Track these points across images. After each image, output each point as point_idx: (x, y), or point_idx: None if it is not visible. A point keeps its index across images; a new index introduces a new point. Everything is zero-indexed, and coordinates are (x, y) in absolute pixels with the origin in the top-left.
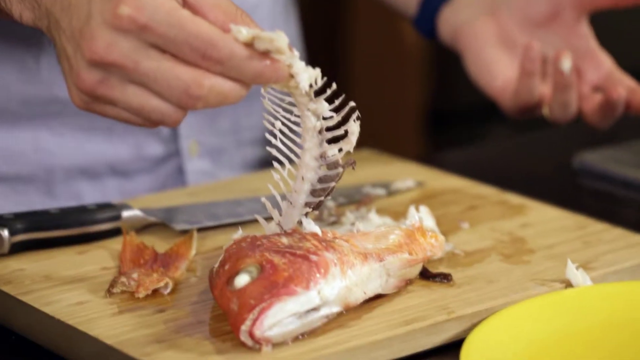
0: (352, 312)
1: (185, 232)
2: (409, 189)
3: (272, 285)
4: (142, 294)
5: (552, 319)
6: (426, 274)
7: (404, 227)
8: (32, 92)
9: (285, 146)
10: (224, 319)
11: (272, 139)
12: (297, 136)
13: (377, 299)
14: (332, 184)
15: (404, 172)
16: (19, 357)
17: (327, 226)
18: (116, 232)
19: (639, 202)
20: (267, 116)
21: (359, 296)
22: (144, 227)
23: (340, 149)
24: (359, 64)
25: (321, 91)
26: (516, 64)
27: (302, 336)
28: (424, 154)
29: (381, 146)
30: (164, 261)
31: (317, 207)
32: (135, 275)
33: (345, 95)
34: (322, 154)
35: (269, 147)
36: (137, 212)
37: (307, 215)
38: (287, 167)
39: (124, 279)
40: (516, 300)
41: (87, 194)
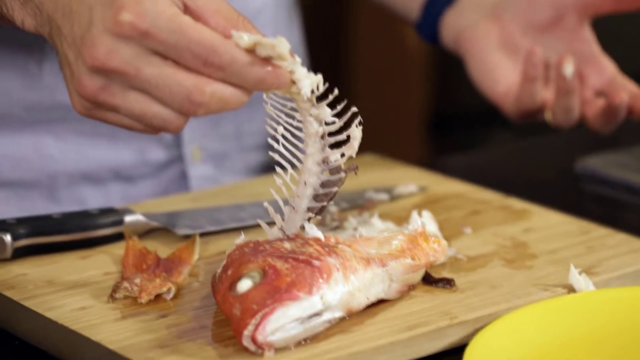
0: (354, 317)
1: (187, 237)
2: (411, 194)
3: (274, 290)
4: (144, 299)
5: (555, 324)
6: (429, 279)
7: (407, 232)
8: (35, 98)
9: (287, 151)
10: (226, 324)
11: (275, 144)
12: (300, 141)
13: (379, 304)
14: (335, 189)
15: (407, 176)
16: None
17: (330, 231)
18: (119, 237)
19: None
20: (269, 121)
21: (361, 301)
22: (147, 232)
23: (342, 154)
24: (361, 68)
25: (323, 97)
26: (519, 68)
27: (305, 341)
28: (427, 158)
29: (384, 151)
30: (167, 266)
31: (319, 212)
32: (137, 280)
33: (347, 100)
34: (325, 159)
35: (271, 152)
36: (139, 217)
37: (309, 220)
38: (290, 172)
39: (126, 284)
40: (519, 305)
41: (90, 199)
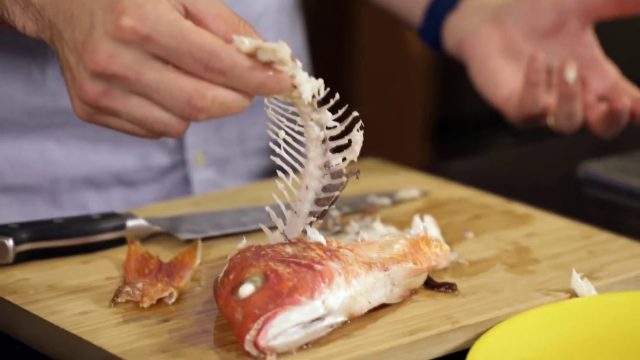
0: (356, 322)
1: (189, 241)
2: (413, 199)
3: (276, 294)
4: (146, 303)
5: (557, 329)
6: (431, 284)
7: (409, 236)
8: (38, 102)
9: (289, 155)
10: (228, 329)
11: (276, 149)
12: (301, 145)
13: (381, 309)
14: (336, 193)
15: (409, 181)
16: None
17: (332, 235)
18: (121, 241)
19: None
20: (271, 126)
21: (363, 306)
22: (149, 237)
23: (344, 158)
24: (364, 73)
25: (325, 101)
26: (521, 73)
27: (307, 346)
28: (429, 163)
29: (386, 155)
30: (169, 271)
31: (321, 216)
32: (139, 284)
33: (349, 104)
34: (326, 163)
35: (273, 157)
36: (141, 222)
37: (311, 224)
38: (292, 176)
39: (128, 288)
40: (521, 310)
41: (92, 204)
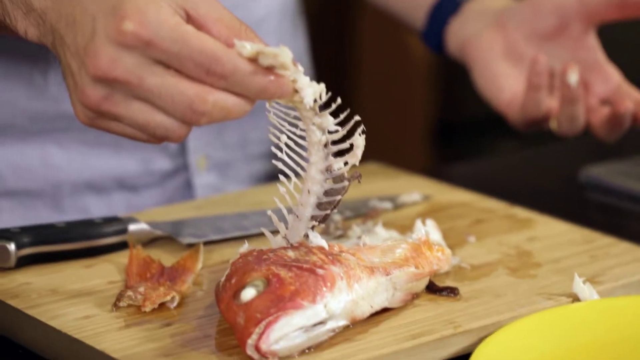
0: (358, 326)
1: (191, 245)
2: (415, 203)
3: (278, 299)
4: (148, 307)
5: (559, 333)
6: (433, 288)
7: (411, 240)
8: (40, 107)
9: (291, 160)
10: (230, 333)
11: (278, 153)
12: (303, 150)
13: (383, 313)
14: (338, 197)
15: (411, 185)
16: None
17: (334, 240)
18: (123, 245)
19: None
20: (272, 130)
21: (365, 310)
22: (151, 241)
23: (346, 163)
24: (366, 77)
25: (326, 105)
26: (524, 77)
27: (309, 350)
28: (431, 167)
29: (388, 159)
30: (171, 275)
31: (323, 221)
32: (141, 289)
33: (352, 108)
34: (328, 167)
35: (274, 161)
36: (143, 226)
37: (313, 228)
38: (293, 180)
39: (130, 292)
40: (523, 314)
41: (94, 208)
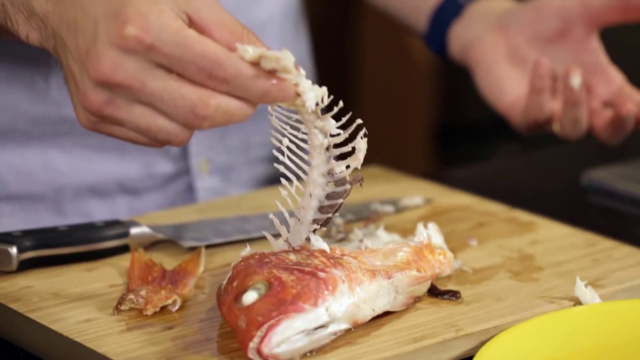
0: (360, 329)
1: (193, 249)
2: (417, 206)
3: (280, 302)
4: (150, 311)
5: (561, 337)
6: (434, 291)
7: (412, 244)
8: (42, 111)
9: (293, 163)
10: (232, 336)
11: (280, 156)
12: (305, 153)
13: (385, 316)
14: (340, 200)
15: (412, 188)
16: None
17: (335, 243)
18: (124, 249)
19: None
20: (274, 133)
21: (367, 313)
22: (152, 244)
23: (347, 166)
24: (368, 80)
25: (328, 108)
26: (526, 80)
27: (310, 353)
28: (433, 170)
29: (389, 163)
30: (172, 278)
31: (325, 224)
32: (143, 292)
33: (354, 111)
34: (330, 170)
35: (276, 164)
36: (145, 229)
37: (315, 232)
38: (295, 184)
39: (132, 296)
40: (525, 317)
41: (96, 212)
